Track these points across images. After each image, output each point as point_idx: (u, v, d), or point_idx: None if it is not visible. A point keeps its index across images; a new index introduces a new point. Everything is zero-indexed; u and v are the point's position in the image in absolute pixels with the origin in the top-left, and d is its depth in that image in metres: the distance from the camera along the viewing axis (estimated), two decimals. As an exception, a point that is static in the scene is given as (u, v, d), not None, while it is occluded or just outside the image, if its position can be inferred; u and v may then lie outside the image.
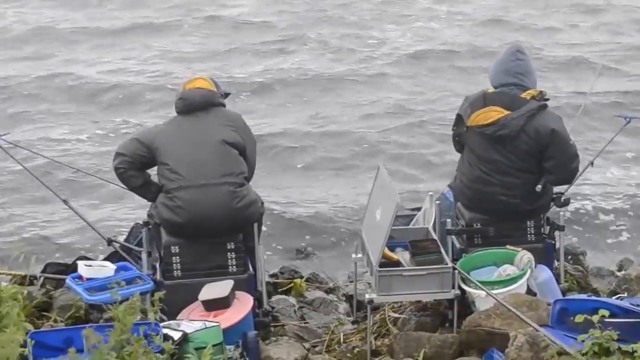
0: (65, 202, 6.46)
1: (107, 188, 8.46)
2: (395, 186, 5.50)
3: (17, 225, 7.88)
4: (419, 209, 6.48)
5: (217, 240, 5.57)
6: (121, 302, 4.13)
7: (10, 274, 6.33)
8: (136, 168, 5.67)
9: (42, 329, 4.75)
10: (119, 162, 5.67)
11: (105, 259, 6.36)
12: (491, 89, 5.78)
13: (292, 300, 6.32)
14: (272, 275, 6.74)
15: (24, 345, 4.04)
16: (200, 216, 5.48)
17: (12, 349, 3.50)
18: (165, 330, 4.68)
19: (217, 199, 5.50)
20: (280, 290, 6.53)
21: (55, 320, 5.75)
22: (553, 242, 5.85)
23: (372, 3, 16.60)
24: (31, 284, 6.30)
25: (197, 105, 5.68)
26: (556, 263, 5.90)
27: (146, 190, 5.76)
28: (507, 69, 5.70)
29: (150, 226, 5.80)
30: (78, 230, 7.66)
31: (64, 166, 7.73)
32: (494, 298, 5.05)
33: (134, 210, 7.67)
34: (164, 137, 5.63)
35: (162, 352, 4.16)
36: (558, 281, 5.74)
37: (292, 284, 6.55)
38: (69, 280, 5.34)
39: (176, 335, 4.65)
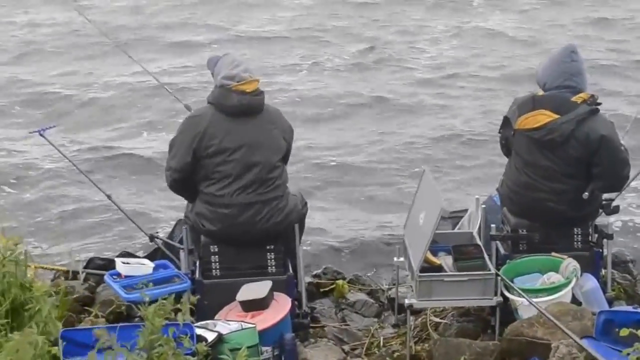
0: (109, 197, 6.45)
1: (152, 183, 8.54)
2: (440, 190, 5.40)
3: (61, 221, 7.93)
4: (462, 212, 6.38)
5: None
6: (151, 302, 4.09)
7: (53, 269, 6.37)
8: (188, 180, 5.58)
9: (73, 327, 4.74)
10: (173, 180, 5.59)
11: (148, 255, 6.38)
12: (540, 92, 5.62)
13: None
14: (314, 276, 6.69)
15: (55, 344, 4.04)
16: (239, 230, 5.45)
17: (27, 353, 3.48)
18: (200, 331, 4.64)
19: (258, 215, 5.45)
20: (322, 290, 6.48)
21: (96, 316, 5.77)
22: (600, 250, 5.69)
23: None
24: (74, 278, 6.34)
25: (253, 111, 5.54)
26: (603, 271, 5.75)
27: (190, 196, 5.71)
28: (563, 71, 5.48)
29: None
30: (121, 226, 7.68)
31: (108, 161, 7.74)
32: (535, 307, 4.92)
33: (178, 206, 7.64)
34: (216, 147, 5.42)
35: (193, 354, 4.11)
36: (604, 290, 5.59)
37: (334, 285, 6.49)
38: (107, 277, 5.34)
39: (211, 336, 4.61)
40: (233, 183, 5.43)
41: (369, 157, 9.61)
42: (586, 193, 5.48)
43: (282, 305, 5.24)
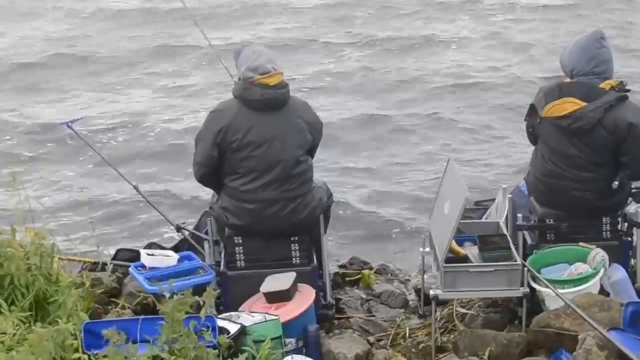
0: (135, 188, 6.49)
1: (178, 175, 8.55)
2: (464, 180, 5.35)
3: (88, 212, 7.96)
4: (489, 202, 6.33)
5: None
6: (174, 294, 4.09)
7: (80, 261, 6.39)
8: (215, 173, 5.54)
9: (96, 320, 4.75)
10: (201, 175, 5.56)
11: (175, 246, 6.39)
12: (567, 79, 5.54)
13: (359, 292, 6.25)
14: (341, 266, 6.67)
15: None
16: (263, 225, 5.43)
17: (46, 346, 3.50)
18: (223, 323, 4.64)
19: (282, 211, 5.42)
20: (348, 281, 6.45)
21: (123, 307, 5.76)
22: (630, 239, 5.60)
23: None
24: (102, 270, 6.36)
25: (277, 105, 5.43)
26: (632, 261, 5.66)
27: (219, 189, 5.67)
28: (592, 57, 5.37)
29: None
30: (148, 217, 7.71)
31: (136, 152, 7.76)
32: (561, 298, 4.87)
33: (205, 197, 7.65)
34: (239, 141, 5.35)
35: (214, 347, 4.10)
36: (634, 281, 5.50)
37: (360, 275, 6.46)
38: (131, 268, 5.36)
39: (234, 328, 4.60)
40: (257, 179, 5.39)
41: (395, 146, 9.56)
42: (616, 182, 5.38)
43: (306, 297, 5.21)
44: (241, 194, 5.42)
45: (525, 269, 5.19)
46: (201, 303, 4.13)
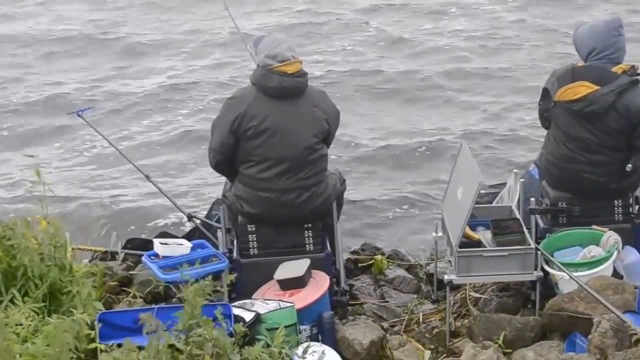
0: (147, 177, 6.49)
1: (190, 163, 8.54)
2: (477, 165, 5.34)
3: (99, 201, 7.97)
4: (500, 186, 6.32)
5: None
6: (193, 282, 4.08)
7: (91, 250, 6.39)
8: (231, 161, 5.53)
9: (111, 310, 4.76)
10: (216, 162, 5.56)
11: (186, 235, 6.39)
12: (580, 63, 5.54)
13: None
14: (353, 252, 6.65)
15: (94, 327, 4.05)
16: (279, 213, 5.42)
17: (63, 338, 3.49)
18: (237, 311, 4.65)
19: (298, 199, 5.41)
20: (360, 266, 6.45)
21: (134, 296, 5.77)
22: (642, 222, 5.61)
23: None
24: (113, 259, 6.36)
25: (294, 93, 5.42)
26: (645, 244, 5.66)
27: (234, 177, 5.67)
28: (609, 44, 5.38)
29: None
30: (160, 206, 7.71)
31: (147, 142, 7.76)
32: (577, 282, 4.87)
33: (216, 186, 7.66)
34: (255, 129, 5.34)
35: (231, 334, 4.10)
36: (647, 263, 5.50)
37: (372, 261, 6.45)
38: (144, 257, 5.36)
39: (248, 316, 4.61)
40: (272, 167, 5.38)
41: (406, 132, 9.52)
42: (629, 165, 5.40)
43: (320, 283, 5.21)
44: (256, 182, 5.41)
45: (539, 252, 5.18)
46: (219, 288, 4.12)
